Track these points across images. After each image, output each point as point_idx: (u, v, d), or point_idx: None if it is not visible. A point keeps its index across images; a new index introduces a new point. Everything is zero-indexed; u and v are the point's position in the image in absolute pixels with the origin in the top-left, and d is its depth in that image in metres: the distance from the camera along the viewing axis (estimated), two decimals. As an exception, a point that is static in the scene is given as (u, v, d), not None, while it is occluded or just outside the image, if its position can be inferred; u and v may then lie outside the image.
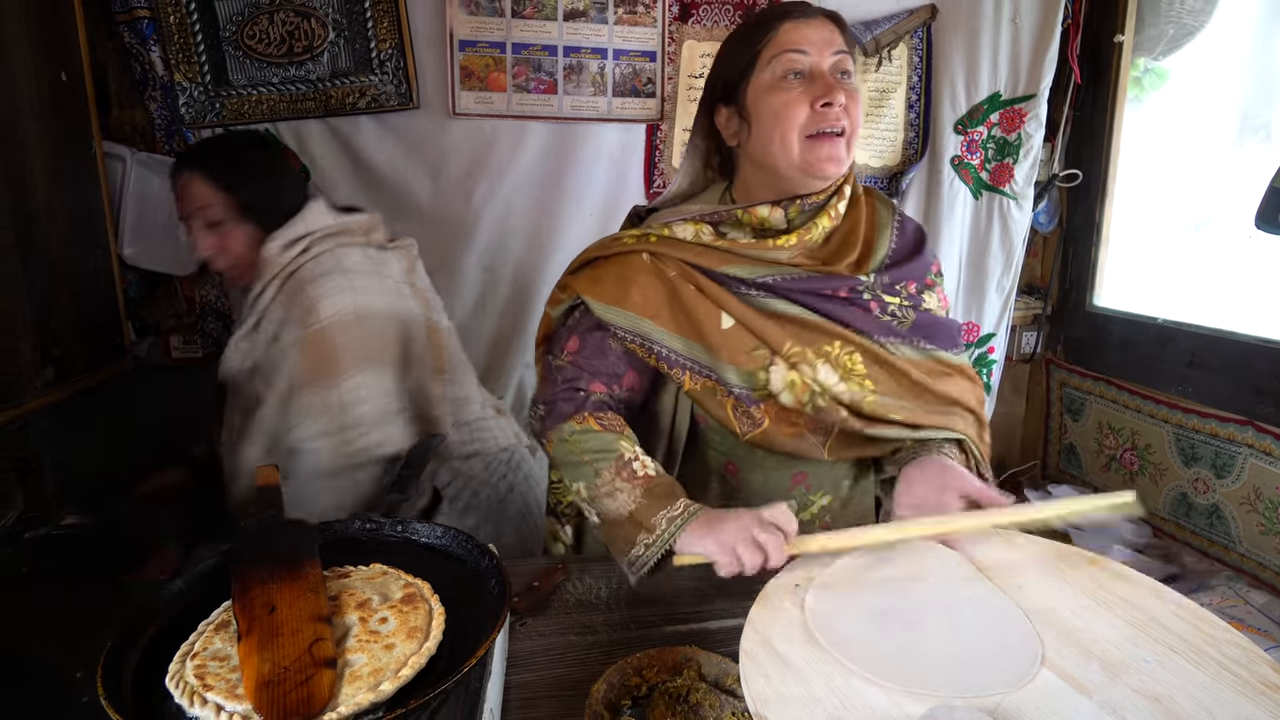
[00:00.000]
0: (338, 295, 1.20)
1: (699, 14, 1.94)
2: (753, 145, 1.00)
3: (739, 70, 0.99)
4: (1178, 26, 2.01)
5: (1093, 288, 2.27)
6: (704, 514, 0.88)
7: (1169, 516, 2.00)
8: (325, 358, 1.18)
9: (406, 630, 0.72)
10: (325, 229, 1.25)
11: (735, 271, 1.00)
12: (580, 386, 1.04)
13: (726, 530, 0.85)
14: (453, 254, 1.95)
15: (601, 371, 1.05)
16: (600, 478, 0.95)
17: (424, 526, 0.91)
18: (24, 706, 0.76)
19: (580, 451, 0.98)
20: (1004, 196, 2.16)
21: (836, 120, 0.94)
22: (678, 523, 0.87)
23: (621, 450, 0.95)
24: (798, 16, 0.97)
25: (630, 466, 0.94)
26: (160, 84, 1.73)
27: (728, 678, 0.81)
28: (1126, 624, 0.74)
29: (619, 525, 0.91)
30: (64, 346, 1.39)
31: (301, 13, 1.76)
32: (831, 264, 1.02)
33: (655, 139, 1.99)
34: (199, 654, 0.70)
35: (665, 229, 1.04)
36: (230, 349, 1.22)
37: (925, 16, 2.04)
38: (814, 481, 1.10)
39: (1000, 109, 2.10)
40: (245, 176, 1.22)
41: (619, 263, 1.05)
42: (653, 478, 0.93)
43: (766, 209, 1.00)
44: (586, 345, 1.06)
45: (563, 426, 1.01)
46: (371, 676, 0.66)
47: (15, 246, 1.31)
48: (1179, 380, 1.97)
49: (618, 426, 1.00)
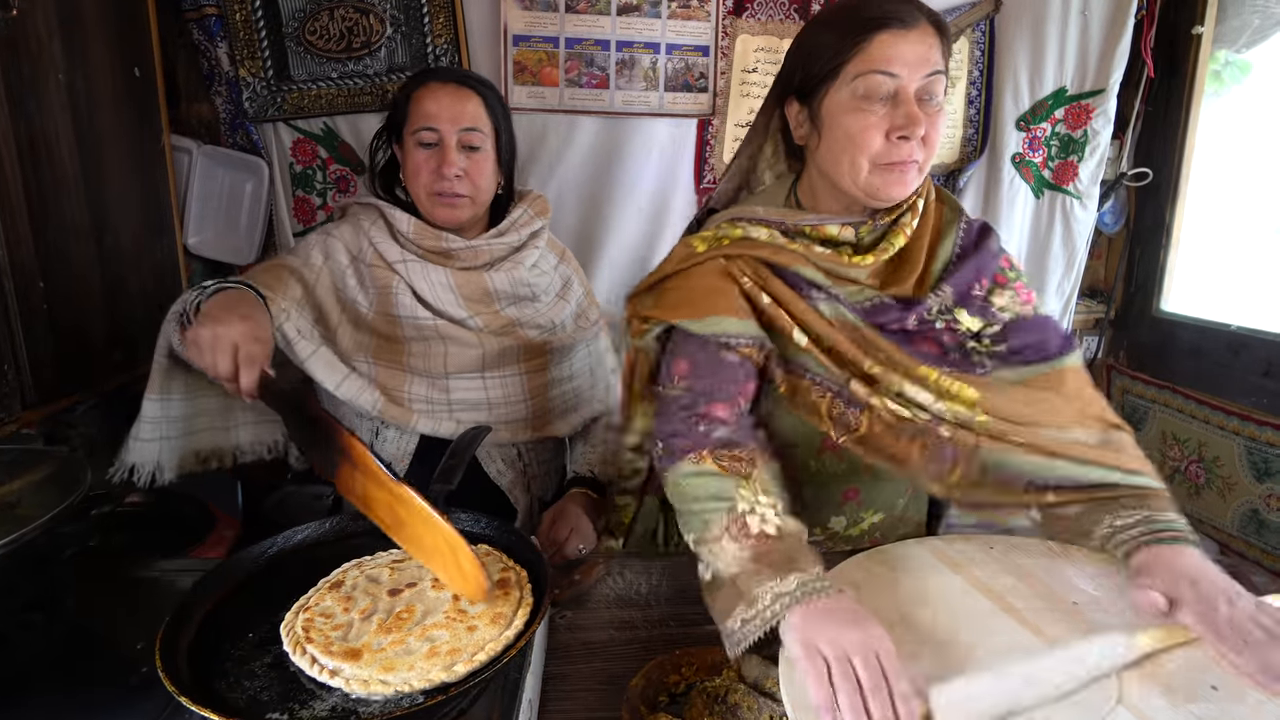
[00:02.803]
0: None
1: (753, 8, 1.91)
2: (821, 156, 0.95)
3: (819, 74, 0.91)
4: (1264, 17, 1.90)
5: (1160, 291, 2.17)
6: (827, 598, 0.71)
7: (1237, 534, 1.91)
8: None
9: (492, 615, 0.74)
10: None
11: (811, 274, 0.94)
12: (699, 413, 0.91)
13: (827, 630, 0.67)
14: (502, 247, 1.96)
15: (720, 390, 0.92)
16: (709, 530, 0.82)
17: (467, 515, 0.92)
18: (88, 676, 0.80)
19: (692, 498, 0.86)
20: (1067, 195, 2.08)
21: (910, 154, 0.88)
22: (785, 601, 0.71)
23: (737, 500, 0.82)
24: (897, 26, 0.86)
25: (744, 521, 0.80)
26: (225, 79, 1.79)
27: (767, 680, 0.79)
28: (1192, 648, 0.71)
29: (721, 589, 0.78)
30: (132, 330, 1.46)
31: (360, 9, 1.79)
32: (891, 284, 0.95)
33: (706, 134, 1.97)
34: (310, 609, 0.76)
35: (738, 229, 0.97)
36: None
37: (989, 8, 1.97)
38: (866, 498, 1.05)
39: (1066, 105, 2.02)
40: (508, 120, 1.29)
41: (694, 274, 0.96)
42: (769, 538, 0.78)
43: (836, 228, 0.94)
44: (699, 364, 0.94)
45: (679, 466, 0.89)
46: (449, 655, 0.68)
47: (91, 233, 1.38)
48: (1252, 391, 1.86)
49: (743, 468, 0.86)
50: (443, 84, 1.22)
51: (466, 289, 1.26)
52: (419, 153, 1.21)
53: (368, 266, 1.25)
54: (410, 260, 1.24)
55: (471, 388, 1.27)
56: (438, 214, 1.24)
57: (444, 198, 1.22)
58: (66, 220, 1.32)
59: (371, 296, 1.24)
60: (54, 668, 0.80)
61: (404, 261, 1.24)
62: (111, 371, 1.41)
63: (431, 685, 0.65)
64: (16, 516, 0.78)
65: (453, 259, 1.26)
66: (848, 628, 0.67)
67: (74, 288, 1.33)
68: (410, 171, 1.23)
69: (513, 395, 1.30)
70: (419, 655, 0.68)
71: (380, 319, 1.24)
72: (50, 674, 0.80)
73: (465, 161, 1.21)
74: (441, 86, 1.22)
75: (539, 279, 1.35)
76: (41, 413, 1.23)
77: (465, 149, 1.22)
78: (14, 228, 1.19)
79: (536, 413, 1.33)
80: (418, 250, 1.25)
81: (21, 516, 0.78)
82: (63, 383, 1.29)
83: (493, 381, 1.29)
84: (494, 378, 1.28)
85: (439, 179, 1.20)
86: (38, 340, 1.23)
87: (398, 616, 0.74)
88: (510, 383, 1.30)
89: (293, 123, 1.84)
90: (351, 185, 1.90)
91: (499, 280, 1.28)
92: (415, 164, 1.22)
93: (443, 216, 1.24)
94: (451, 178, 1.20)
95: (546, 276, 1.38)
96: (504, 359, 1.28)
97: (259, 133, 1.83)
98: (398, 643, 0.71)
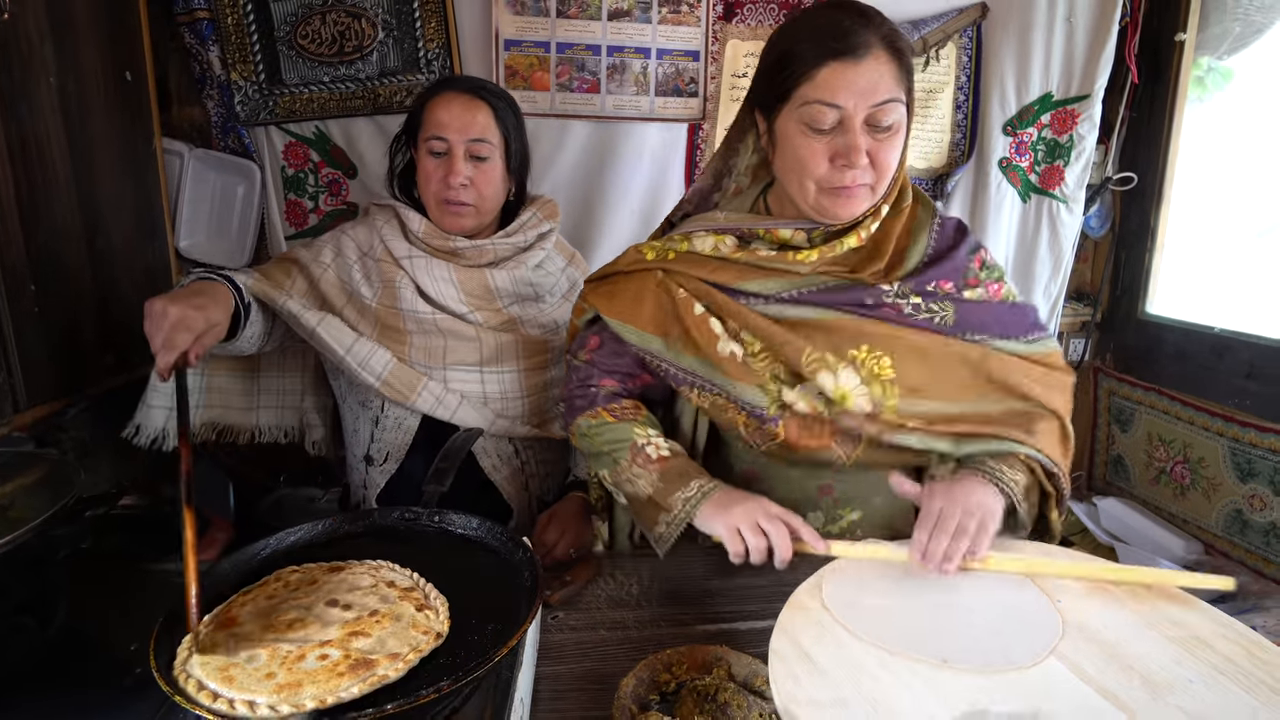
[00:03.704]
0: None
1: (743, 13, 1.93)
2: (778, 170, 1.00)
3: (775, 93, 0.94)
4: (1245, 24, 1.93)
5: (1145, 295, 2.20)
6: (718, 493, 0.93)
7: (1222, 534, 1.93)
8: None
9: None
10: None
11: (753, 288, 0.99)
12: (593, 383, 1.10)
13: (734, 512, 0.90)
14: (494, 251, 1.97)
15: (616, 370, 1.10)
16: (619, 465, 1.01)
17: (460, 517, 0.93)
18: (82, 678, 0.80)
19: (599, 443, 1.04)
20: (1053, 199, 2.10)
21: (854, 180, 0.91)
22: (693, 502, 0.93)
23: (634, 437, 1.01)
24: (847, 56, 0.87)
25: (644, 452, 1.00)
26: (217, 83, 1.79)
27: (757, 679, 0.81)
28: (1171, 643, 0.72)
29: (642, 507, 0.99)
30: (123, 333, 1.45)
31: (352, 13, 1.80)
32: (859, 271, 0.99)
33: (697, 138, 1.99)
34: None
35: (685, 242, 1.04)
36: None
37: (975, 15, 2.00)
38: (841, 494, 1.08)
39: (1052, 110, 2.05)
40: (520, 130, 1.32)
41: (635, 279, 1.07)
42: (667, 459, 0.99)
43: (789, 231, 0.99)
44: (605, 346, 1.10)
45: (579, 421, 1.08)
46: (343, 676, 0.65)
47: (83, 237, 1.38)
48: (1236, 392, 1.89)
49: (630, 414, 1.06)
50: (456, 94, 1.26)
51: (468, 285, 1.28)
52: (429, 161, 1.26)
53: (376, 261, 1.29)
54: (416, 256, 1.28)
55: (469, 380, 1.29)
56: (444, 221, 1.28)
57: (450, 205, 1.26)
58: (58, 223, 1.32)
59: (376, 289, 1.28)
60: (48, 670, 0.81)
61: (410, 258, 1.28)
62: (103, 374, 1.41)
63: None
64: (9, 519, 0.78)
65: (458, 256, 1.29)
66: (742, 501, 0.91)
67: (65, 291, 1.33)
68: (421, 178, 1.29)
69: (510, 391, 1.32)
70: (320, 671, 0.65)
71: (384, 311, 1.27)
72: (44, 676, 0.80)
73: (472, 171, 1.25)
74: (455, 97, 1.26)
75: (544, 279, 1.38)
76: (33, 416, 1.23)
77: (473, 159, 1.25)
78: (5, 231, 1.19)
79: (534, 410, 1.35)
80: (425, 248, 1.29)
81: (14, 519, 0.78)
82: (54, 386, 1.29)
83: (490, 376, 1.30)
84: (492, 372, 1.30)
85: (446, 187, 1.24)
86: (29, 343, 1.22)
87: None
88: (508, 379, 1.32)
89: (284, 126, 1.84)
90: (343, 189, 1.91)
91: (500, 278, 1.30)
92: (426, 172, 1.27)
93: (449, 224, 1.28)
94: (457, 186, 1.24)
95: (552, 277, 1.40)
96: (502, 355, 1.30)
97: (250, 136, 1.83)
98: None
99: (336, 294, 1.28)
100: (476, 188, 1.26)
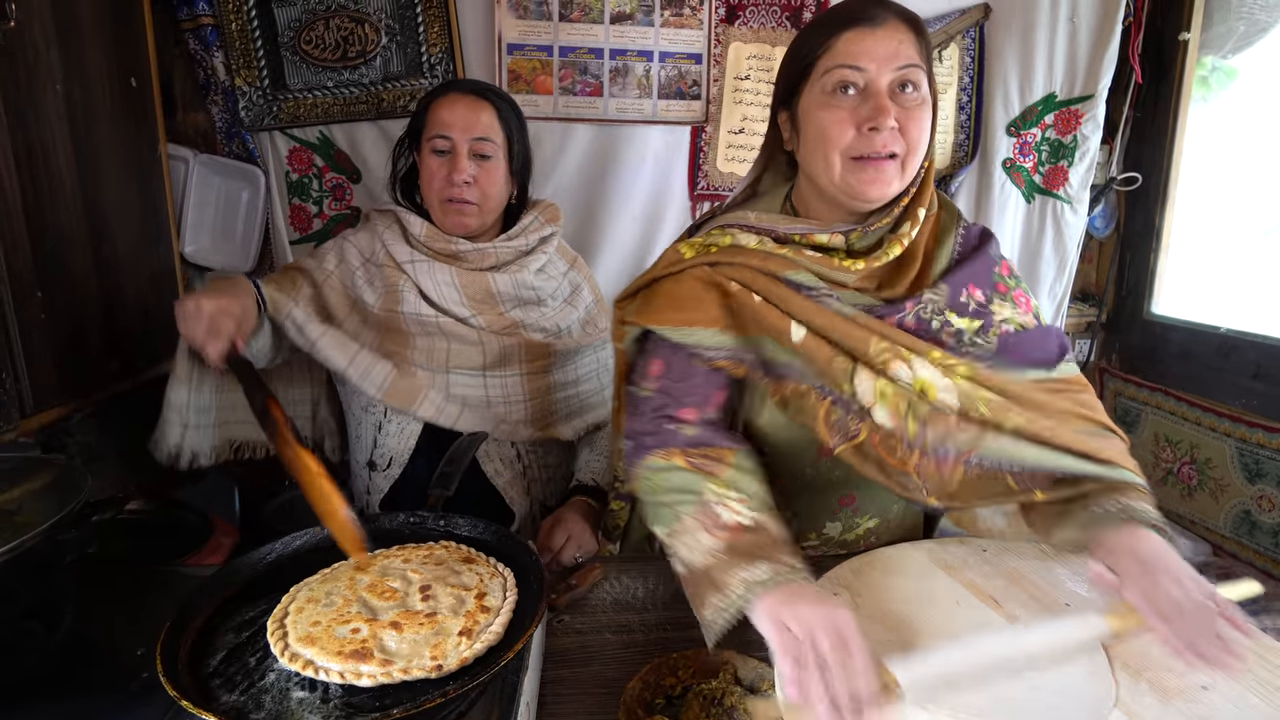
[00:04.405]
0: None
1: (746, 15, 1.93)
2: (803, 158, 0.95)
3: (795, 76, 0.93)
4: (1249, 23, 1.92)
5: (1151, 295, 2.19)
6: (793, 585, 0.73)
7: (1230, 535, 1.92)
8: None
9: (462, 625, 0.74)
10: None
11: (803, 279, 0.92)
12: (669, 414, 0.92)
13: (799, 611, 0.69)
14: (497, 254, 1.97)
15: (690, 395, 0.93)
16: (680, 523, 0.82)
17: (465, 521, 0.93)
18: (89, 682, 0.80)
19: (661, 491, 0.87)
20: (1058, 200, 2.10)
21: (884, 146, 0.87)
22: (757, 588, 0.72)
23: (705, 492, 0.82)
24: (864, 23, 0.88)
25: (713, 512, 0.81)
26: (222, 88, 1.80)
27: (763, 683, 0.80)
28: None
29: (696, 581, 0.79)
30: (129, 339, 1.46)
31: (356, 18, 1.81)
32: (886, 287, 0.95)
33: (700, 141, 1.99)
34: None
35: (727, 236, 0.97)
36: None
37: (978, 16, 1.99)
38: (862, 504, 1.06)
39: (1055, 110, 2.04)
40: (523, 132, 1.33)
41: (682, 281, 0.96)
42: (742, 527, 0.79)
43: (825, 237, 0.93)
44: (671, 367, 0.95)
45: (646, 460, 0.90)
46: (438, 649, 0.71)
47: (88, 243, 1.38)
48: (1243, 393, 1.88)
49: (711, 467, 0.86)
50: (460, 95, 1.27)
51: (470, 288, 1.29)
52: (433, 159, 1.26)
53: (378, 267, 1.30)
54: (418, 260, 1.28)
55: (472, 384, 1.29)
56: (448, 221, 1.28)
57: (454, 204, 1.26)
58: (64, 229, 1.32)
59: (379, 293, 1.29)
60: (55, 674, 0.81)
61: (412, 262, 1.28)
62: (109, 380, 1.41)
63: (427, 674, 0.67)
64: (16, 524, 0.78)
65: (460, 260, 1.30)
66: (812, 605, 0.69)
67: (71, 296, 1.33)
68: (425, 178, 1.29)
69: (513, 395, 1.32)
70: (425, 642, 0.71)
71: (386, 315, 1.28)
72: (51, 681, 0.80)
73: (475, 169, 1.25)
74: (459, 97, 1.27)
75: (545, 283, 1.38)
76: (39, 421, 1.23)
77: (476, 157, 1.26)
78: (12, 236, 1.19)
79: (537, 414, 1.35)
80: (427, 251, 1.29)
81: (21, 524, 0.78)
82: (60, 391, 1.29)
83: (493, 380, 1.30)
84: (494, 376, 1.30)
85: (449, 185, 1.25)
86: (35, 349, 1.23)
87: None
88: (510, 382, 1.32)
89: (289, 131, 1.85)
90: (347, 194, 1.91)
91: (502, 282, 1.30)
92: (429, 170, 1.27)
93: (452, 223, 1.28)
94: (461, 184, 1.24)
95: (554, 281, 1.40)
96: (505, 359, 1.30)
97: (255, 142, 1.84)
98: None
99: (340, 300, 1.29)
100: (480, 186, 1.26)
